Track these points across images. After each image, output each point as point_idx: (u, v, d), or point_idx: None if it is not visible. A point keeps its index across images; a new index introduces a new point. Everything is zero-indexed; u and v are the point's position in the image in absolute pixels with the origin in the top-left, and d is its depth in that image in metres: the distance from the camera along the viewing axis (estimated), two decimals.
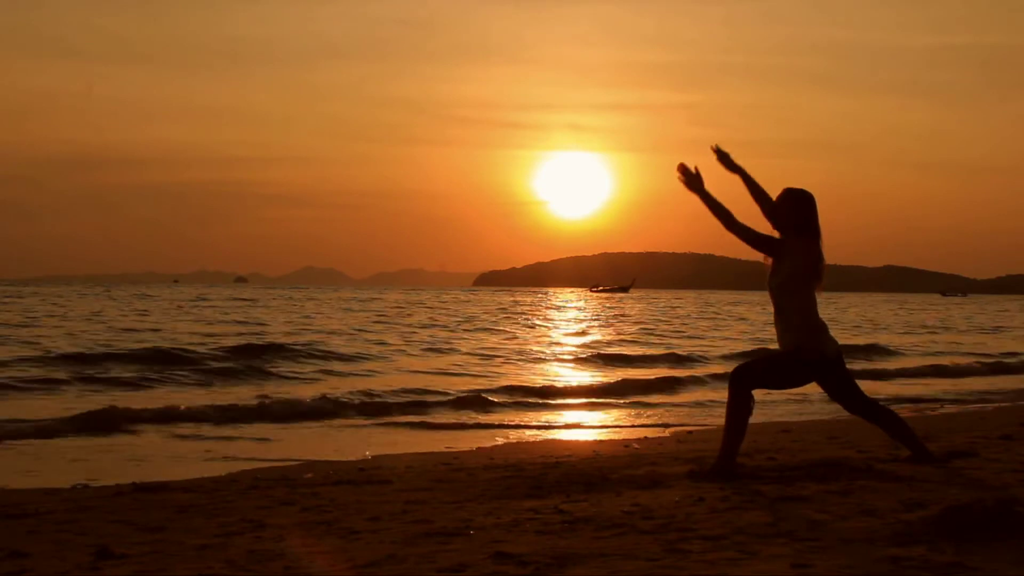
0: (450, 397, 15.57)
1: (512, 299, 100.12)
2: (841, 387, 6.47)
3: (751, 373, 6.37)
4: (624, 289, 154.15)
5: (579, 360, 24.96)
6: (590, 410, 15.18)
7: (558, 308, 72.31)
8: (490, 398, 15.71)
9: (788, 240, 6.40)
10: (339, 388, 16.71)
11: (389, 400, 15.31)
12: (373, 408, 14.46)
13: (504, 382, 18.28)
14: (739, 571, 4.00)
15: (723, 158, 6.67)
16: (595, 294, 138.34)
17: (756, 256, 6.63)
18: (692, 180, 6.51)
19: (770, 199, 6.57)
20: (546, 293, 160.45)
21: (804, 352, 6.33)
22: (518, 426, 12.97)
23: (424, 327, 39.13)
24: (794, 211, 6.40)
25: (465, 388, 16.94)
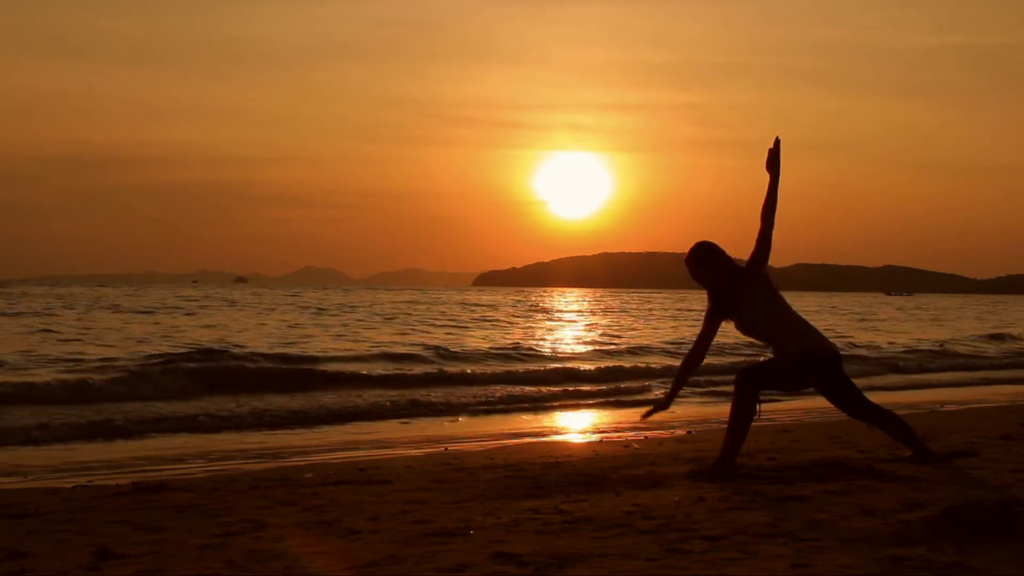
0: None
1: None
2: (841, 390, 6.48)
3: (756, 376, 6.39)
4: None
5: None
6: None
7: None
8: None
9: (737, 288, 6.40)
10: None
11: None
12: None
13: None
14: (739, 571, 4.00)
15: (774, 154, 6.45)
16: None
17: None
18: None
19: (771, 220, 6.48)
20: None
21: (806, 352, 6.35)
22: None
23: None
24: (719, 264, 6.42)
25: None
